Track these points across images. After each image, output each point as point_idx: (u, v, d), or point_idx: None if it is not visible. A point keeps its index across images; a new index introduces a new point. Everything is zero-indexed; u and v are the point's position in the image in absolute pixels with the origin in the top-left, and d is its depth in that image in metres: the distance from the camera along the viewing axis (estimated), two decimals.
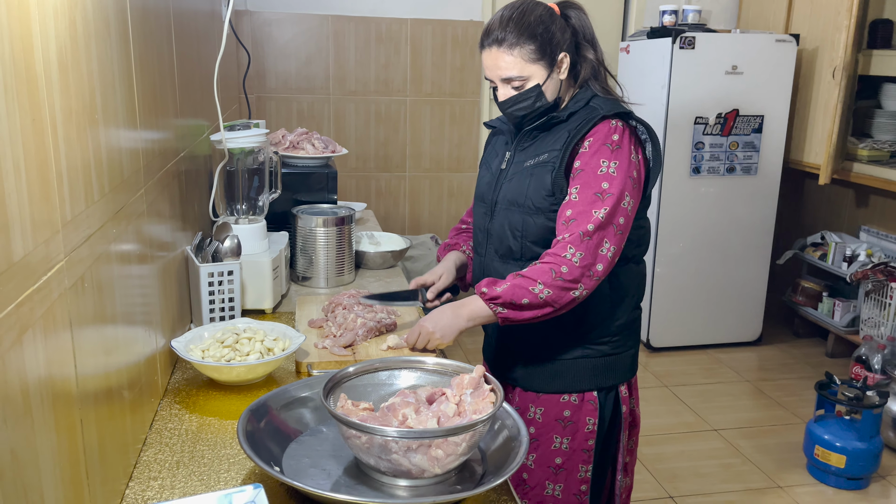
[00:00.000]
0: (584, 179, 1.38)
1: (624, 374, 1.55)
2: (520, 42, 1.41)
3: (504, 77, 1.43)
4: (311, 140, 2.21)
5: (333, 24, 3.99)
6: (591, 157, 1.39)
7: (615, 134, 1.39)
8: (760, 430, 3.13)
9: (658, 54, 3.66)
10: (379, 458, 1.03)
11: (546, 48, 1.42)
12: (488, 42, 1.44)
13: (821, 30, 3.71)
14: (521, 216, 1.47)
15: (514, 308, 1.37)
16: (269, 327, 1.46)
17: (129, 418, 1.07)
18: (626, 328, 1.53)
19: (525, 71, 1.42)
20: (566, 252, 1.36)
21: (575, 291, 1.36)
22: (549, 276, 1.35)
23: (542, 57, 1.42)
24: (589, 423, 1.51)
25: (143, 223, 1.20)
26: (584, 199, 1.37)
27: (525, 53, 1.41)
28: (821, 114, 3.74)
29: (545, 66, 1.43)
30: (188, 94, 1.69)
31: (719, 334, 3.97)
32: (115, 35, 1.05)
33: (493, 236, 1.54)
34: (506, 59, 1.42)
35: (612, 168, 1.38)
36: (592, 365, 1.51)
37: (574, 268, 1.35)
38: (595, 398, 1.51)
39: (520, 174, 1.48)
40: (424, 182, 4.31)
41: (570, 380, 1.50)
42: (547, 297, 1.35)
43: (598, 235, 1.35)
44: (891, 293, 3.42)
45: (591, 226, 1.35)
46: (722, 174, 3.76)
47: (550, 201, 1.43)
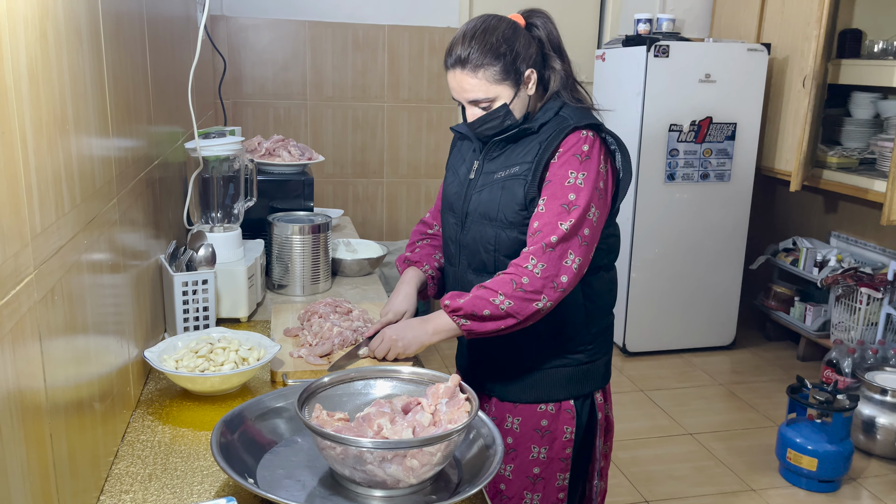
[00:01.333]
0: (551, 191, 1.38)
1: (599, 382, 1.56)
2: (483, 63, 1.38)
3: (470, 99, 1.41)
4: (288, 147, 2.20)
5: (310, 30, 3.99)
6: (560, 167, 1.38)
7: (585, 144, 1.39)
8: (734, 433, 3.18)
9: (633, 62, 3.70)
10: (354, 469, 1.03)
11: (511, 67, 1.39)
12: (451, 63, 1.41)
13: (791, 39, 3.78)
14: (493, 230, 1.46)
15: (476, 319, 1.36)
16: (243, 336, 1.45)
17: (100, 430, 1.06)
18: (600, 335, 1.54)
19: (491, 92, 1.40)
20: (528, 263, 1.35)
21: (538, 303, 1.35)
22: (509, 287, 1.34)
23: (507, 77, 1.39)
24: (567, 432, 1.51)
25: (115, 232, 1.19)
26: (551, 211, 1.37)
27: (489, 75, 1.38)
28: (791, 122, 3.81)
29: (511, 86, 1.41)
30: (162, 101, 1.68)
31: (694, 338, 4.02)
32: (87, 44, 1.04)
33: (466, 249, 1.52)
34: (470, 81, 1.39)
35: (580, 179, 1.37)
36: (569, 374, 1.51)
37: (535, 279, 1.34)
38: (572, 407, 1.52)
39: (490, 186, 1.47)
40: (402, 188, 4.32)
41: (547, 389, 1.50)
42: (508, 309, 1.34)
43: (561, 247, 1.35)
44: (860, 298, 3.49)
45: (555, 237, 1.35)
46: (696, 181, 3.81)
47: (523, 215, 1.43)
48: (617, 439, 3.05)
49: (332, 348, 1.51)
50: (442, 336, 1.43)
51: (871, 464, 2.92)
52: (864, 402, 2.95)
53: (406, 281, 1.63)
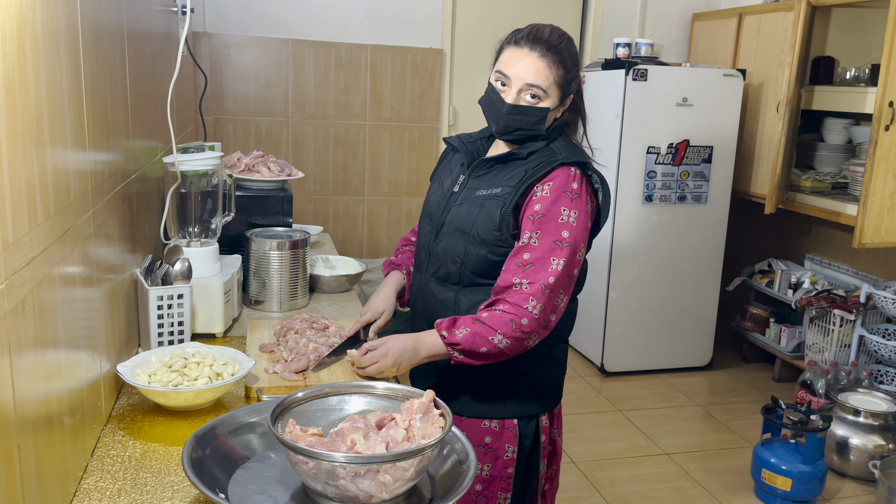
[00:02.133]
0: (544, 226, 1.39)
1: (546, 404, 1.57)
2: (559, 63, 1.42)
3: (529, 82, 1.41)
4: (267, 163, 2.21)
5: (293, 49, 4.01)
6: (553, 203, 1.40)
7: (574, 182, 1.41)
8: (710, 453, 3.19)
9: (612, 85, 3.76)
10: (326, 484, 1.03)
11: (570, 83, 1.46)
12: (531, 44, 1.42)
13: (766, 66, 3.87)
14: (464, 244, 1.48)
15: (471, 356, 1.40)
16: (218, 352, 1.45)
17: (69, 445, 1.05)
18: (551, 360, 1.56)
19: (549, 89, 1.43)
20: (528, 304, 1.37)
21: (529, 341, 1.39)
22: (509, 328, 1.37)
23: (563, 87, 1.45)
24: (508, 451, 1.52)
25: (90, 246, 1.18)
26: (544, 246, 1.38)
27: (557, 75, 1.43)
28: (766, 146, 3.88)
29: (559, 97, 1.45)
30: (141, 115, 1.68)
31: (671, 359, 4.05)
32: (65, 57, 1.05)
33: (435, 258, 1.54)
34: (543, 69, 1.41)
35: (573, 218, 1.40)
36: (515, 393, 1.53)
37: (533, 320, 1.37)
38: (515, 426, 1.53)
39: (470, 202, 1.49)
40: (383, 206, 4.33)
41: (491, 406, 1.52)
42: (504, 348, 1.38)
43: (556, 287, 1.38)
44: (833, 320, 3.54)
45: (553, 279, 1.37)
46: (673, 202, 3.86)
47: (496, 235, 1.44)
48: (594, 459, 3.05)
49: (307, 364, 1.50)
50: (433, 359, 1.45)
51: (846, 484, 2.95)
52: (837, 423, 2.98)
53: (387, 283, 1.69)
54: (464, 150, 1.57)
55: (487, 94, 1.47)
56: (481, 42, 4.27)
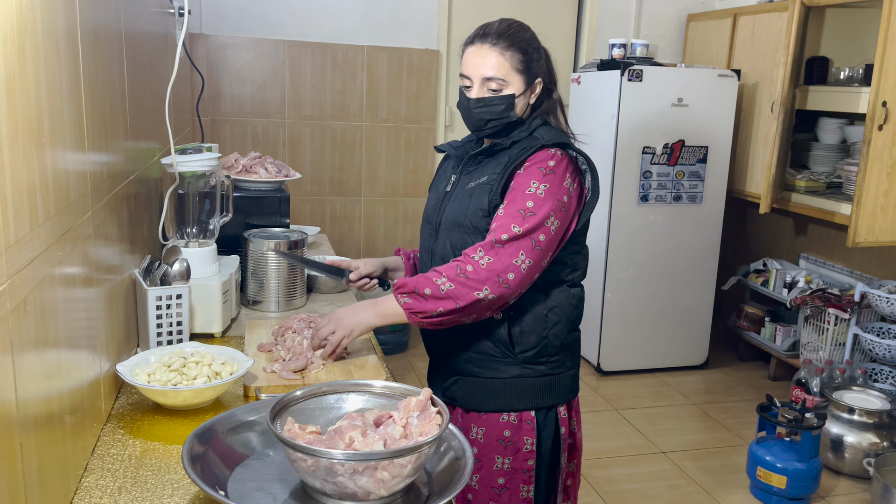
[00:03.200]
0: (512, 197, 1.44)
1: (563, 395, 1.58)
2: (511, 49, 1.46)
3: (486, 76, 1.47)
4: (265, 164, 2.22)
5: (289, 50, 4.02)
6: (523, 178, 1.45)
7: (551, 160, 1.45)
8: (706, 451, 3.21)
9: (608, 86, 3.77)
10: (325, 481, 1.04)
11: (531, 65, 1.49)
12: (480, 39, 1.48)
13: (760, 66, 3.89)
14: (461, 235, 1.52)
15: (418, 297, 1.40)
16: (217, 351, 1.46)
17: (70, 443, 1.06)
18: (563, 349, 1.57)
19: (508, 76, 1.47)
20: (475, 254, 1.41)
21: (479, 292, 1.39)
22: (453, 272, 1.40)
23: (525, 71, 1.48)
24: (527, 444, 1.54)
25: (89, 246, 1.19)
26: (508, 215, 1.42)
27: (513, 61, 1.46)
28: (761, 146, 3.90)
29: (524, 82, 1.49)
30: (139, 116, 1.69)
31: (667, 358, 4.06)
32: (64, 59, 1.06)
33: (437, 255, 1.58)
34: (494, 58, 1.46)
35: (541, 190, 1.43)
36: (530, 384, 1.54)
37: (480, 269, 1.39)
38: (533, 418, 1.54)
39: (461, 196, 1.54)
40: (380, 206, 4.34)
41: (508, 399, 1.54)
42: (448, 291, 1.39)
43: (512, 245, 1.40)
44: (828, 318, 3.56)
45: (506, 235, 1.40)
46: (669, 202, 3.87)
47: (487, 221, 1.48)
48: (591, 458, 3.07)
49: (305, 363, 1.51)
50: (388, 319, 1.47)
51: (840, 482, 2.97)
52: (832, 421, 3.00)
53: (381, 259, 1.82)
54: (454, 153, 1.64)
55: (459, 99, 1.55)
56: None
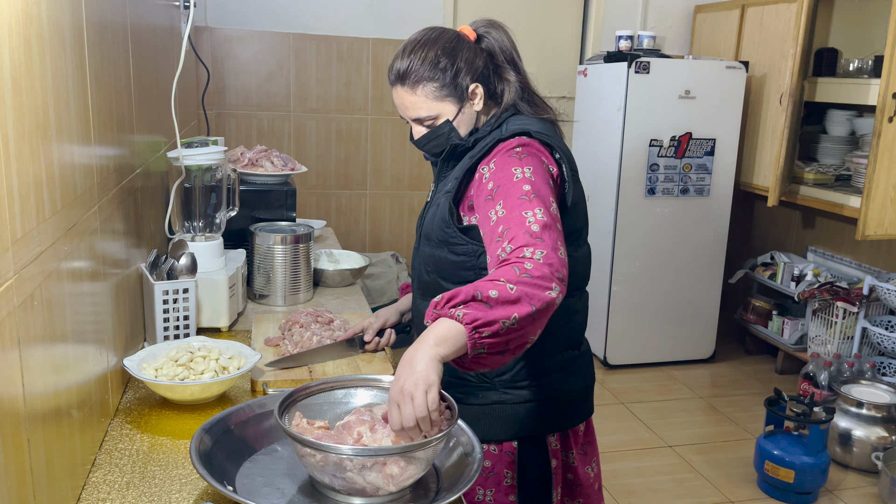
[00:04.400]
0: (502, 191, 1.22)
1: (552, 423, 1.39)
2: (422, 80, 1.32)
3: (412, 117, 1.36)
4: (271, 157, 2.21)
5: (295, 42, 4.00)
6: (501, 171, 1.25)
7: (518, 146, 1.27)
8: (713, 445, 3.20)
9: (614, 78, 3.75)
10: (333, 477, 1.03)
11: (452, 83, 1.32)
12: (392, 79, 1.36)
13: (768, 57, 3.86)
14: (430, 250, 1.38)
15: (480, 305, 1.04)
16: (224, 346, 1.45)
17: (78, 438, 1.06)
18: (553, 371, 1.38)
19: (433, 109, 1.34)
20: (524, 253, 1.12)
21: (550, 291, 1.08)
22: (513, 274, 1.08)
23: (449, 93, 1.33)
24: (507, 477, 1.38)
25: (96, 240, 1.19)
26: (511, 207, 1.19)
27: (429, 91, 1.32)
28: (769, 138, 3.87)
29: (454, 101, 1.34)
30: (145, 110, 1.68)
31: (674, 352, 4.05)
32: (70, 52, 1.05)
33: (416, 271, 1.45)
34: (410, 98, 1.34)
35: (528, 172, 1.23)
36: (511, 412, 1.37)
37: (539, 265, 1.09)
38: (514, 449, 1.38)
39: (434, 205, 1.40)
40: (385, 200, 4.33)
41: (487, 427, 1.36)
42: (518, 292, 1.06)
43: (547, 235, 1.14)
44: (836, 312, 3.54)
45: (536, 226, 1.15)
46: (676, 195, 3.85)
47: (448, 233, 1.33)
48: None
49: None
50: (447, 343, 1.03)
51: (848, 476, 2.96)
52: (840, 415, 2.99)
53: (395, 306, 1.65)
54: (432, 159, 1.46)
55: None
56: None
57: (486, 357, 1.07)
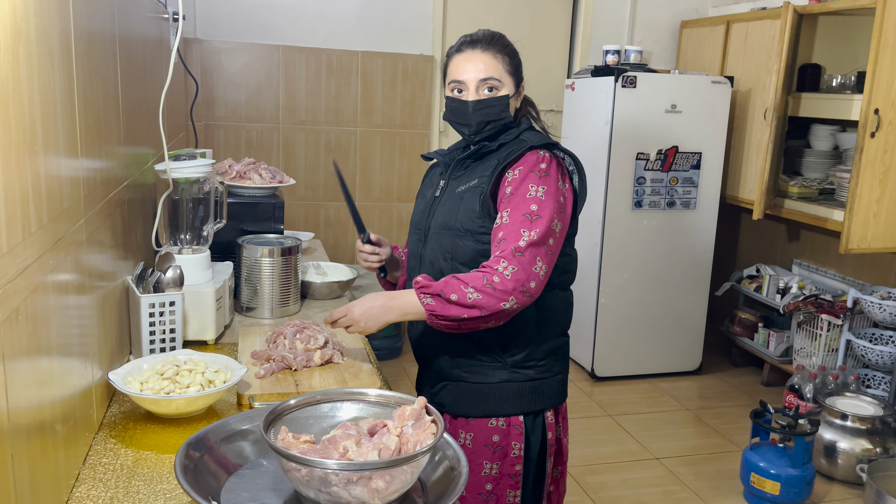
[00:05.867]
0: (514, 203, 1.44)
1: (551, 400, 1.59)
2: (503, 53, 1.54)
3: (483, 77, 1.51)
4: (259, 170, 2.21)
5: (284, 55, 4.02)
6: (521, 182, 1.46)
7: (542, 163, 1.47)
8: (699, 457, 3.21)
9: (601, 92, 3.78)
10: (319, 491, 1.03)
11: (518, 70, 1.56)
12: (470, 45, 1.53)
13: (753, 73, 3.91)
14: (451, 239, 1.53)
15: (443, 301, 1.39)
16: (210, 359, 1.45)
17: (62, 453, 1.05)
18: (552, 353, 1.58)
19: (503, 77, 1.52)
20: (499, 265, 1.40)
21: (506, 303, 1.38)
22: (480, 283, 1.39)
23: (514, 73, 1.55)
24: (515, 448, 1.54)
25: (82, 253, 1.18)
26: (515, 220, 1.43)
27: (505, 64, 1.53)
28: (754, 152, 3.91)
29: (514, 84, 1.55)
30: (133, 122, 1.69)
31: (661, 364, 4.07)
32: (58, 66, 1.05)
33: (426, 261, 1.59)
34: (490, 61, 1.51)
35: (541, 192, 1.44)
36: (518, 389, 1.54)
37: (506, 280, 1.38)
38: (521, 423, 1.55)
39: (451, 200, 1.56)
40: (374, 212, 4.33)
41: (496, 404, 1.54)
42: (475, 301, 1.38)
43: (530, 252, 1.40)
44: (821, 324, 3.57)
45: (523, 242, 1.40)
46: (662, 208, 3.88)
47: (479, 223, 1.50)
48: (585, 464, 3.06)
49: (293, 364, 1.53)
50: (408, 316, 1.46)
51: (834, 488, 2.97)
52: (825, 427, 3.01)
53: None
54: (441, 160, 1.66)
55: (448, 107, 1.57)
56: None
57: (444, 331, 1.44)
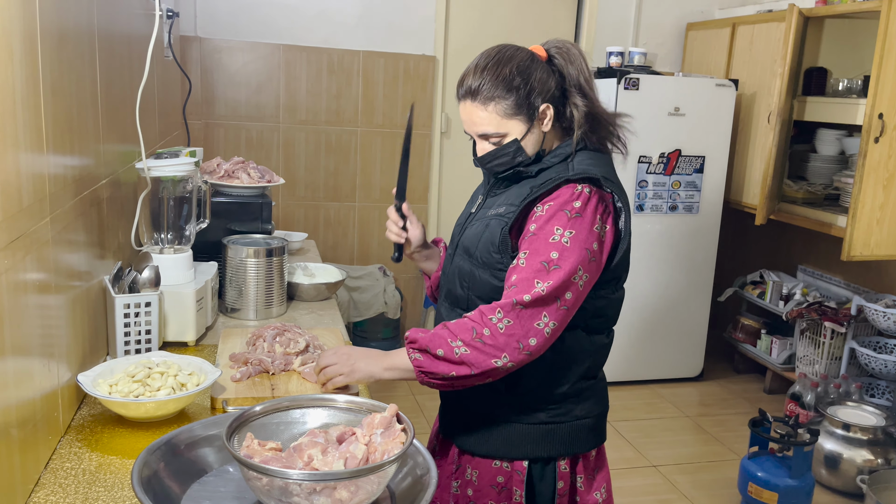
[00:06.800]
0: (534, 245, 1.27)
1: (565, 447, 1.40)
2: (494, 96, 1.31)
3: (479, 133, 1.35)
4: (247, 169, 2.18)
5: (285, 54, 3.99)
6: (546, 222, 1.27)
7: (577, 200, 1.27)
8: (698, 465, 3.16)
9: (603, 94, 3.71)
10: (279, 502, 1.00)
11: (524, 101, 1.31)
12: (461, 94, 1.35)
13: (758, 76, 3.85)
14: (469, 266, 1.39)
15: (430, 356, 1.27)
16: (185, 361, 1.42)
17: (17, 458, 1.02)
18: (571, 397, 1.40)
19: (502, 127, 1.33)
20: (493, 315, 1.25)
21: (497, 360, 1.24)
22: (469, 335, 1.25)
23: (519, 111, 1.32)
24: (516, 494, 1.39)
25: (47, 252, 1.16)
26: (530, 267, 1.26)
27: (501, 109, 1.31)
28: (758, 156, 3.85)
29: (524, 121, 1.33)
30: (115, 119, 1.66)
31: (662, 369, 4.02)
32: (19, 61, 1.02)
33: (448, 280, 1.47)
34: (480, 114, 1.33)
35: (567, 238, 1.25)
36: (524, 432, 1.39)
37: (498, 334, 1.24)
38: (523, 468, 1.39)
39: (480, 222, 1.40)
40: (374, 212, 4.30)
41: (500, 445, 1.40)
42: (463, 356, 1.24)
43: (535, 308, 1.24)
44: (824, 332, 3.51)
45: (528, 297, 1.23)
46: (665, 212, 3.83)
47: (496, 258, 1.34)
48: None
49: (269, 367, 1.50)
50: (394, 374, 1.33)
51: (834, 499, 2.92)
52: (826, 437, 2.95)
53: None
54: (485, 171, 1.47)
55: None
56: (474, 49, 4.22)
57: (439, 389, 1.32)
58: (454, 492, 1.47)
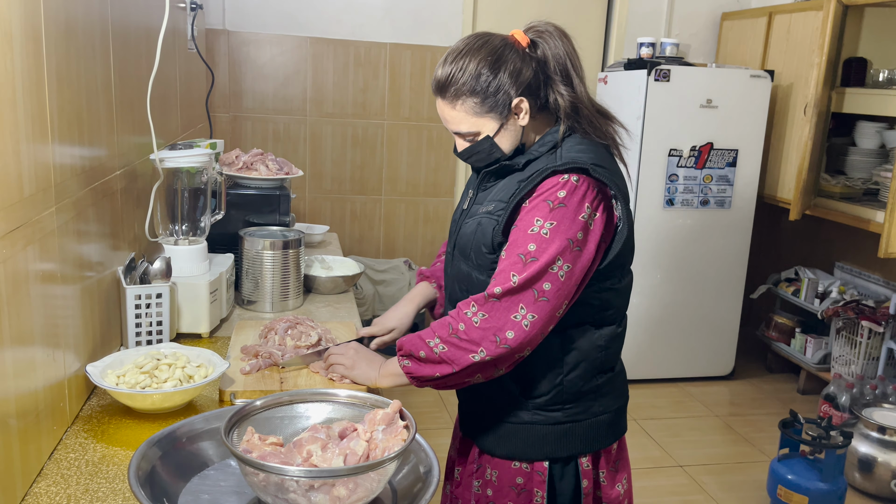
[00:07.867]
0: (514, 238, 1.24)
1: (585, 445, 1.36)
2: (461, 94, 1.26)
3: (454, 131, 1.31)
4: (266, 161, 2.18)
5: (312, 47, 3.99)
6: (527, 213, 1.24)
7: (562, 190, 1.21)
8: (726, 466, 3.08)
9: (633, 86, 3.66)
10: (276, 498, 0.98)
11: (493, 97, 1.25)
12: (435, 93, 1.30)
13: (795, 66, 3.73)
14: (467, 269, 1.35)
15: (415, 360, 1.28)
16: (194, 353, 1.41)
17: (17, 448, 1.02)
18: (587, 394, 1.35)
19: (473, 125, 1.28)
20: (468, 310, 1.23)
21: (475, 355, 1.21)
22: (445, 332, 1.24)
23: (490, 109, 1.26)
24: (537, 496, 1.35)
25: (52, 242, 1.15)
26: (509, 259, 1.23)
27: (469, 107, 1.26)
28: (794, 149, 3.74)
29: (496, 118, 1.27)
30: (131, 110, 1.66)
31: (691, 368, 3.93)
32: (20, 50, 1.02)
33: (449, 282, 1.44)
34: (450, 112, 1.28)
35: (546, 229, 1.21)
36: (542, 432, 1.34)
37: (472, 328, 1.21)
38: (544, 469, 1.35)
39: (472, 220, 1.35)
40: (400, 206, 4.29)
41: (519, 446, 1.36)
42: (442, 354, 1.23)
43: (508, 299, 1.21)
44: (861, 331, 3.39)
45: (500, 289, 1.21)
46: (696, 207, 3.74)
47: (491, 259, 1.29)
48: None
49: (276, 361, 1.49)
50: (391, 380, 1.36)
51: None
52: (860, 440, 2.85)
53: (410, 298, 1.60)
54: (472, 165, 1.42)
55: None
56: None
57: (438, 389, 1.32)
58: (475, 491, 1.44)
